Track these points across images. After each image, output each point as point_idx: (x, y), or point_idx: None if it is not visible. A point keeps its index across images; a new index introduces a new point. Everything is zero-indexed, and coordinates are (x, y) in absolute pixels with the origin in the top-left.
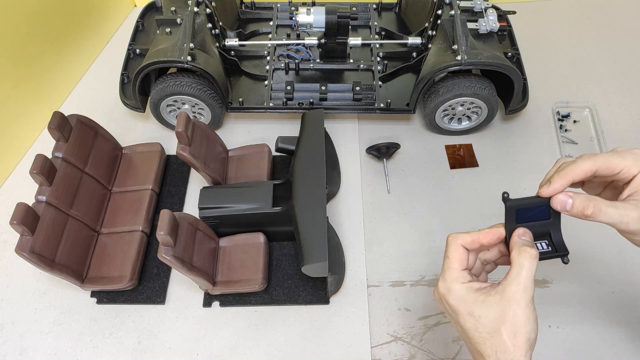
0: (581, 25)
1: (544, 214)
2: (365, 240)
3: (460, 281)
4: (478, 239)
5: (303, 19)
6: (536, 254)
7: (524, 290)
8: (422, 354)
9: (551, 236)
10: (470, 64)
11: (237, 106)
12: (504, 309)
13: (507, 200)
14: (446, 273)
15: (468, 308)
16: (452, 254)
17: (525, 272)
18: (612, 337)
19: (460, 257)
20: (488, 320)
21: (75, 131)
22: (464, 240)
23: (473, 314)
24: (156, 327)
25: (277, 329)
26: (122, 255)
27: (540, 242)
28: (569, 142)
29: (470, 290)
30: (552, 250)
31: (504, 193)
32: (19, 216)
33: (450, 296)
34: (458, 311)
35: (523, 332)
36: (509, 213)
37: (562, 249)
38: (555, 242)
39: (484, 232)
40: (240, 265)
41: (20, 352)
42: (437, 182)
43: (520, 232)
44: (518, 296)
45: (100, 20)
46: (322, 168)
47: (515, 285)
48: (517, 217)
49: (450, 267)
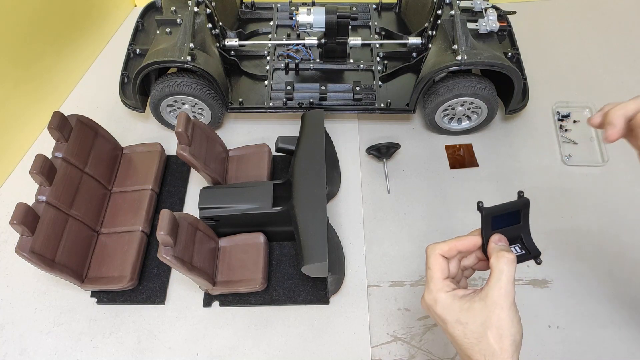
0: (581, 25)
1: (516, 218)
2: (365, 240)
3: (444, 290)
4: (455, 246)
5: (303, 19)
6: (514, 258)
7: (505, 294)
8: (421, 354)
9: (523, 239)
10: (470, 64)
11: (237, 106)
12: (489, 314)
13: (483, 209)
14: (430, 284)
15: (455, 316)
16: (432, 265)
17: (505, 276)
18: (612, 337)
19: (441, 266)
20: (475, 325)
21: (75, 131)
22: (441, 250)
23: (460, 321)
24: (156, 327)
25: (277, 329)
26: (122, 255)
27: (514, 246)
28: (569, 142)
29: (455, 298)
30: (525, 252)
31: (479, 202)
32: (19, 216)
33: (437, 306)
34: (446, 320)
35: (508, 335)
36: (485, 221)
37: (534, 251)
38: (527, 245)
39: (460, 239)
40: (240, 265)
41: (20, 352)
42: (437, 182)
43: (496, 239)
44: (501, 300)
45: (100, 20)
46: (322, 168)
47: (497, 289)
48: (492, 223)
49: (433, 277)
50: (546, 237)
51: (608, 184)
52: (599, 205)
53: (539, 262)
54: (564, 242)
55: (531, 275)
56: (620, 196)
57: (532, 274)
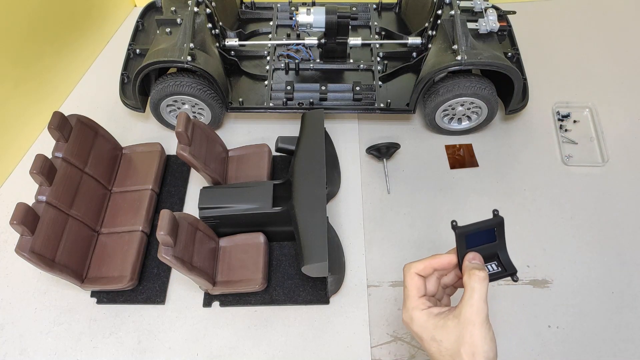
0: (581, 25)
1: (491, 237)
2: (365, 240)
3: (420, 308)
4: (430, 264)
5: (303, 19)
6: (485, 275)
7: (477, 311)
8: (421, 354)
9: (499, 257)
10: (470, 64)
11: (237, 106)
12: (462, 331)
13: (457, 228)
14: (407, 302)
15: (430, 333)
16: (408, 283)
17: (477, 294)
18: (612, 337)
19: (417, 285)
20: (449, 342)
21: (75, 131)
22: (416, 269)
23: (435, 339)
24: (156, 327)
25: (277, 329)
26: (122, 255)
27: (490, 263)
28: (569, 142)
29: (430, 316)
30: (502, 270)
31: (453, 221)
32: (19, 216)
33: (413, 324)
34: (422, 337)
35: (481, 352)
36: (459, 239)
37: (510, 268)
38: (503, 262)
39: (435, 257)
40: (240, 265)
41: (20, 352)
42: (437, 182)
43: (470, 257)
44: (473, 317)
45: (100, 20)
46: (322, 168)
47: (469, 307)
48: (467, 242)
49: (408, 295)
50: (546, 237)
51: (608, 184)
52: (599, 205)
53: (516, 279)
54: (564, 242)
55: (531, 276)
56: (620, 196)
57: (532, 274)
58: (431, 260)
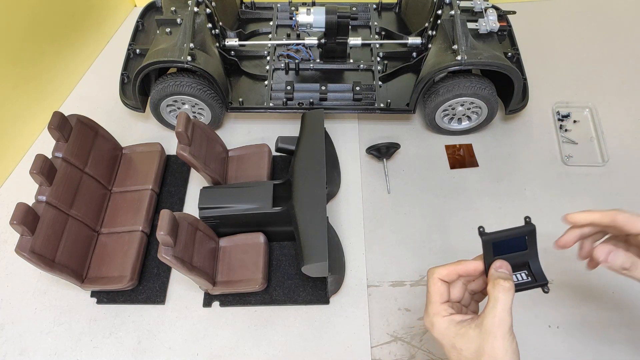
0: (581, 25)
1: (521, 245)
2: (365, 240)
3: (441, 315)
4: (455, 271)
5: (303, 19)
6: (510, 286)
7: (499, 322)
8: (422, 354)
9: (530, 266)
10: (470, 64)
11: (237, 106)
12: (483, 342)
13: (483, 235)
14: (428, 307)
15: (450, 341)
16: (431, 288)
17: (500, 304)
18: (612, 337)
19: (439, 290)
20: (469, 352)
21: (75, 131)
22: (440, 274)
23: (455, 347)
24: (156, 327)
25: (277, 329)
26: (122, 255)
27: (519, 272)
28: (569, 142)
29: (451, 323)
30: (531, 280)
31: (480, 227)
32: (19, 216)
33: (434, 330)
34: (442, 344)
35: None
36: (486, 246)
37: (541, 279)
38: (534, 272)
39: (460, 263)
40: (240, 265)
41: (20, 352)
42: (437, 182)
43: (497, 265)
44: (494, 329)
45: (100, 20)
46: (322, 168)
47: (491, 317)
48: (494, 249)
49: (430, 301)
50: (546, 237)
51: (608, 184)
52: (599, 205)
53: (547, 290)
54: None
55: None
56: (620, 196)
57: None
58: (456, 266)
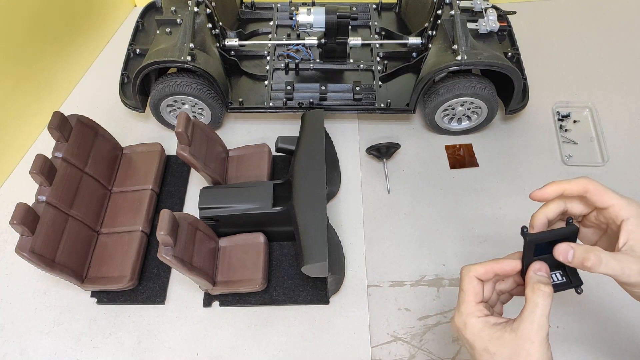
0: (581, 25)
1: None
2: (365, 240)
3: (476, 315)
4: (492, 269)
5: (303, 19)
6: (550, 291)
7: (537, 328)
8: (422, 354)
9: (565, 267)
10: (470, 64)
11: (237, 106)
12: (518, 348)
13: (527, 235)
14: (462, 306)
15: (483, 344)
16: (466, 287)
17: (539, 310)
18: (612, 337)
19: (475, 289)
20: (502, 357)
21: (75, 131)
22: (477, 272)
23: (488, 351)
24: (156, 327)
25: (277, 329)
26: (122, 255)
27: (555, 272)
28: (569, 142)
29: (486, 325)
30: (566, 281)
31: (523, 227)
32: (19, 216)
33: (466, 331)
34: (474, 346)
35: None
36: (528, 247)
37: (576, 280)
38: (569, 273)
39: (498, 262)
40: (240, 265)
41: (20, 352)
42: (437, 182)
43: (536, 267)
44: (532, 335)
45: (100, 20)
46: (322, 168)
47: (530, 323)
48: (535, 250)
49: (465, 300)
50: None
51: (608, 184)
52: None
53: (580, 291)
54: None
55: None
56: None
57: None
58: (493, 264)
